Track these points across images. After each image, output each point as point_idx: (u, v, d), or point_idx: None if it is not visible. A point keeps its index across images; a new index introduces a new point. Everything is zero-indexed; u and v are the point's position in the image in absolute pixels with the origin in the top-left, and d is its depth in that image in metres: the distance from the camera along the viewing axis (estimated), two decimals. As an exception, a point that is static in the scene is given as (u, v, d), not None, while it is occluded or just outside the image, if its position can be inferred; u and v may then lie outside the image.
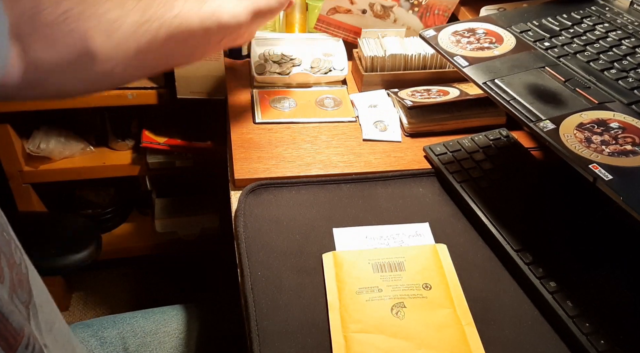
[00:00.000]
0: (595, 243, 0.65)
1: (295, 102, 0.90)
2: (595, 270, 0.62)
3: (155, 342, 0.82)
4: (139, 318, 0.84)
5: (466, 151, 0.78)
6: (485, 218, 0.68)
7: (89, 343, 0.80)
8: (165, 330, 0.83)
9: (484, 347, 0.56)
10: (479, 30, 0.72)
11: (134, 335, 0.82)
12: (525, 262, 0.62)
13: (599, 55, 0.67)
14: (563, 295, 0.58)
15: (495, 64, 0.66)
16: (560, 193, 0.73)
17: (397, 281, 0.61)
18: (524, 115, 0.59)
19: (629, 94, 0.61)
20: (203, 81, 1.15)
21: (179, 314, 0.86)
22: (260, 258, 0.64)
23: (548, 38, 0.71)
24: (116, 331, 0.82)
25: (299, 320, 0.58)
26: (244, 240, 0.66)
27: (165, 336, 0.83)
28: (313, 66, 0.96)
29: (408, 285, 0.60)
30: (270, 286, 0.61)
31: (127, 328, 0.83)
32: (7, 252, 0.41)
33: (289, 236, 0.67)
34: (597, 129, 0.57)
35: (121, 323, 0.83)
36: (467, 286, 0.62)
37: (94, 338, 0.81)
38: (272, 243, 0.66)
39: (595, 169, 0.52)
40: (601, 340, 0.54)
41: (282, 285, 0.61)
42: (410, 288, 0.60)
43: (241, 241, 0.66)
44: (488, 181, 0.73)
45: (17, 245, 0.45)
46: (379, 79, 0.93)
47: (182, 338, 0.83)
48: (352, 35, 1.02)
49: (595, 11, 0.75)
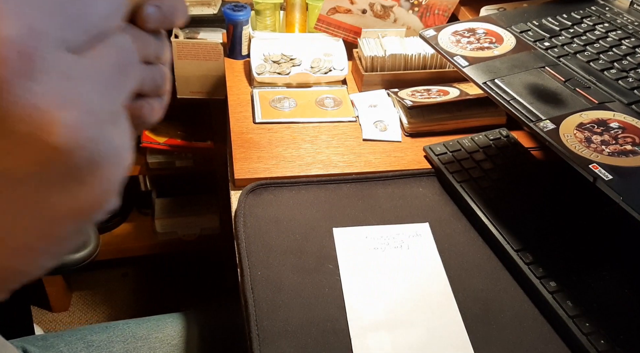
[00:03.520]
0: (595, 243, 0.65)
1: (295, 102, 0.90)
2: (595, 270, 0.62)
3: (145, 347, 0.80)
4: (131, 325, 0.82)
5: (466, 151, 0.78)
6: (485, 218, 0.68)
7: (75, 346, 0.78)
8: (157, 336, 0.81)
9: (485, 346, 0.56)
10: (479, 30, 0.72)
11: (123, 340, 0.79)
12: (525, 262, 0.62)
13: (599, 55, 0.67)
14: (563, 295, 0.58)
15: (495, 64, 0.66)
16: (560, 193, 0.73)
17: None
18: (524, 115, 0.59)
19: (629, 94, 0.61)
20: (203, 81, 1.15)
21: (174, 321, 0.84)
22: (260, 258, 0.64)
23: (548, 38, 0.71)
24: (105, 335, 0.80)
25: (299, 319, 0.58)
26: (244, 239, 0.66)
27: (157, 342, 0.81)
28: (313, 66, 0.96)
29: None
30: (270, 286, 0.61)
31: (118, 333, 0.81)
32: None
33: (289, 236, 0.67)
34: (597, 129, 0.57)
35: (113, 328, 0.81)
36: (467, 286, 0.62)
37: (81, 342, 0.79)
38: (272, 243, 0.66)
39: (595, 169, 0.52)
40: (601, 340, 0.54)
41: (282, 285, 0.61)
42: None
43: (241, 241, 0.66)
44: (488, 181, 0.73)
45: None
46: (379, 79, 0.93)
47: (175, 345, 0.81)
48: (352, 35, 1.02)
49: (595, 11, 0.75)
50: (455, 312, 0.60)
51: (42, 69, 0.14)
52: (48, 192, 0.15)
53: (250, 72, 0.96)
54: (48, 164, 0.14)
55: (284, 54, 0.98)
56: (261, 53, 0.98)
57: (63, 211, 0.16)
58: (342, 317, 0.59)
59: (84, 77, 0.15)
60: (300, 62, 0.97)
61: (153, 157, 1.37)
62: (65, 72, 0.14)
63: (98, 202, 0.17)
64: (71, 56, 0.15)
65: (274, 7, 1.05)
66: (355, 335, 0.57)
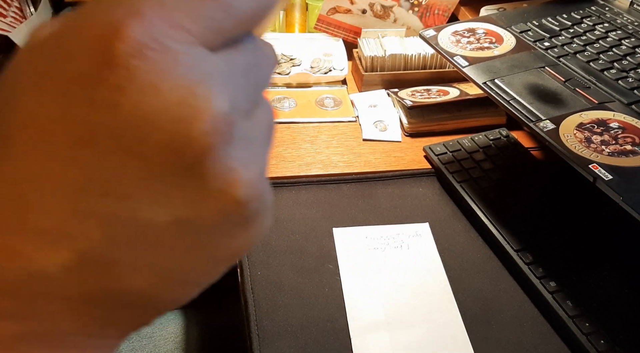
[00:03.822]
0: (595, 243, 0.65)
1: (295, 102, 0.90)
2: (595, 270, 0.62)
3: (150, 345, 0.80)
4: None
5: (466, 151, 0.78)
6: (485, 218, 0.68)
7: None
8: (162, 333, 0.82)
9: (485, 346, 0.56)
10: (479, 30, 0.72)
11: (128, 338, 0.81)
12: (525, 262, 0.62)
13: (599, 55, 0.67)
14: (563, 295, 0.58)
15: (495, 64, 0.66)
16: (560, 192, 0.73)
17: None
18: (524, 115, 0.59)
19: (628, 94, 0.61)
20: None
21: (176, 319, 0.85)
22: (260, 258, 0.64)
23: (548, 38, 0.71)
24: None
25: (299, 319, 0.58)
26: (244, 239, 0.66)
27: (161, 340, 0.81)
28: (313, 66, 0.96)
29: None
30: (270, 286, 0.61)
31: None
32: None
33: (289, 236, 0.67)
34: (597, 129, 0.57)
35: None
36: (467, 286, 0.62)
37: None
38: (272, 243, 0.66)
39: (595, 169, 0.52)
40: (601, 340, 0.54)
41: (282, 285, 0.61)
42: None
43: (241, 241, 0.66)
44: (488, 181, 0.73)
45: None
46: (379, 79, 0.93)
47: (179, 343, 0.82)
48: (352, 35, 1.02)
49: (595, 11, 0.75)
50: (455, 312, 0.60)
51: (237, 135, 0.16)
52: (220, 237, 0.18)
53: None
54: (228, 214, 0.17)
55: (283, 54, 0.98)
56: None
57: (227, 253, 0.19)
58: (342, 317, 0.59)
59: (256, 140, 0.17)
60: (300, 62, 0.97)
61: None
62: (247, 137, 0.17)
63: (252, 244, 0.19)
64: (249, 122, 0.17)
65: (273, 7, 1.05)
66: (355, 335, 0.57)
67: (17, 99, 0.15)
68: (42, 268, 0.16)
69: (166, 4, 0.15)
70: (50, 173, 0.15)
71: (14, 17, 1.12)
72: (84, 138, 0.15)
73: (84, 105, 0.15)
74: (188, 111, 0.15)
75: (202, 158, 0.15)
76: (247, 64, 0.17)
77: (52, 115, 0.15)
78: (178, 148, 0.15)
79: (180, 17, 0.15)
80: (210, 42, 0.16)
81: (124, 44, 0.15)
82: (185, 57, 0.15)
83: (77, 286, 0.16)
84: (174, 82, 0.15)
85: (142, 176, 0.15)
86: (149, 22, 0.15)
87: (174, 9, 0.15)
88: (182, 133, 0.15)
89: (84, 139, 0.15)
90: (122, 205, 0.16)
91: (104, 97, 0.15)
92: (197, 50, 0.16)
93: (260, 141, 0.18)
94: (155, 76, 0.15)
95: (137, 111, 0.15)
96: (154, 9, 0.15)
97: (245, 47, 0.18)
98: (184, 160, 0.15)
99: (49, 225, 0.15)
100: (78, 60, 0.15)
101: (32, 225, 0.15)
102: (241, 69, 0.17)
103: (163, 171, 0.15)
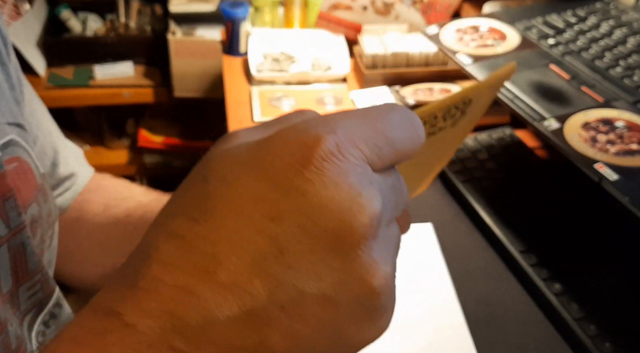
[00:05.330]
0: (601, 245, 0.64)
1: (294, 100, 0.89)
2: (601, 272, 0.61)
3: None
4: None
5: (469, 150, 0.77)
6: (488, 218, 0.67)
7: None
8: None
9: (488, 349, 0.55)
10: (483, 28, 0.71)
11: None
12: (529, 264, 0.61)
13: (604, 52, 0.66)
14: (568, 297, 0.58)
15: (499, 62, 0.65)
16: (564, 193, 0.72)
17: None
18: (528, 114, 0.58)
19: (634, 92, 0.60)
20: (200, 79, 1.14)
21: None
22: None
23: (552, 35, 0.69)
24: None
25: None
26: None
27: None
28: (313, 64, 0.95)
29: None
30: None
31: None
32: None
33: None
34: (603, 128, 0.56)
35: None
36: (470, 288, 0.61)
37: None
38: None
39: (600, 169, 0.51)
40: (606, 342, 0.53)
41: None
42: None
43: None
44: (491, 181, 0.72)
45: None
46: (381, 77, 0.92)
47: None
48: (353, 32, 1.01)
49: (600, 8, 0.74)
50: (459, 314, 0.59)
51: (381, 235, 0.20)
52: (351, 322, 0.20)
53: (248, 70, 0.95)
54: (362, 300, 0.20)
55: (283, 51, 0.97)
56: (260, 51, 0.97)
57: (352, 341, 0.21)
58: (342, 320, 0.58)
59: (392, 246, 0.21)
60: (300, 60, 0.96)
61: (150, 157, 1.36)
62: (385, 237, 0.20)
63: (373, 340, 0.22)
64: (388, 230, 0.21)
65: (273, 3, 1.04)
66: (356, 338, 0.56)
67: (222, 178, 0.20)
68: (215, 316, 0.19)
69: (351, 129, 0.20)
70: (242, 239, 0.19)
71: (9, 13, 1.10)
72: (272, 214, 0.19)
73: (281, 190, 0.19)
74: (355, 206, 0.19)
75: (356, 245, 0.19)
76: (394, 186, 0.22)
77: (252, 194, 0.19)
78: (341, 234, 0.19)
79: (359, 141, 0.20)
80: (374, 163, 0.20)
81: (320, 150, 0.19)
82: (358, 168, 0.20)
83: (236, 338, 0.19)
84: (349, 183, 0.19)
85: (309, 252, 0.19)
86: (339, 139, 0.19)
87: (355, 134, 0.20)
88: (347, 222, 0.19)
89: (272, 215, 0.19)
90: (287, 272, 0.19)
91: (298, 186, 0.19)
92: (366, 166, 0.20)
93: (394, 249, 0.22)
94: (336, 176, 0.19)
95: (318, 199, 0.19)
96: (343, 132, 0.20)
97: (392, 174, 0.22)
98: (344, 244, 0.19)
99: (229, 280, 0.19)
100: (285, 157, 0.19)
101: (217, 279, 0.19)
102: (390, 188, 0.21)
103: (325, 250, 0.19)
